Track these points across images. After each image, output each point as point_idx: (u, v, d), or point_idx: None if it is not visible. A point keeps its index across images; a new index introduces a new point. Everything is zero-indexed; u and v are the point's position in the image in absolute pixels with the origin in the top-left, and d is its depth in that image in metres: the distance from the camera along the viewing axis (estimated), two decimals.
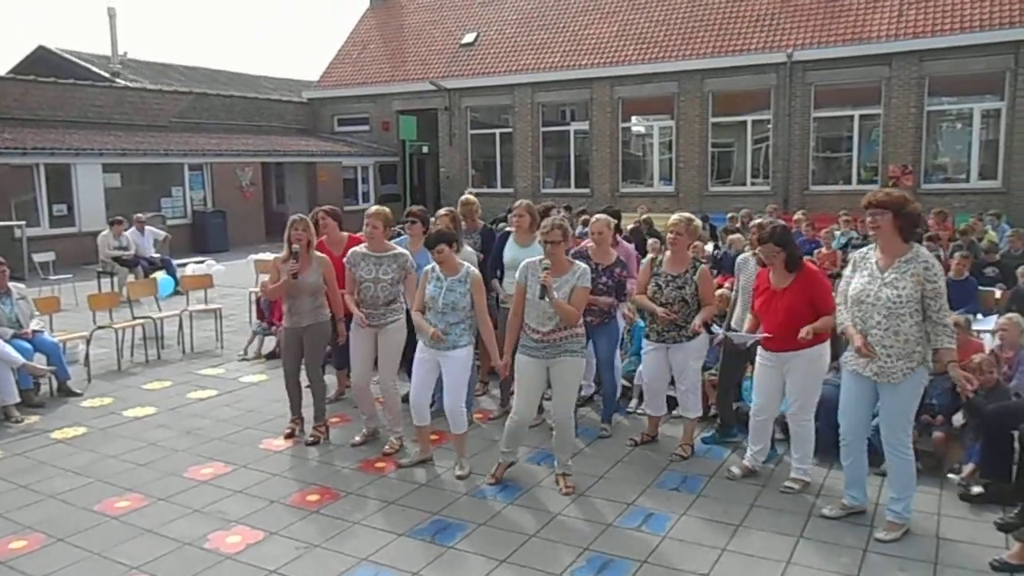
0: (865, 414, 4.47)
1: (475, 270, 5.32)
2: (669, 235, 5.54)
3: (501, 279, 6.41)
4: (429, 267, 5.33)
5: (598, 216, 6.08)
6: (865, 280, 4.32)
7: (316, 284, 5.84)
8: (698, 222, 5.73)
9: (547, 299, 4.76)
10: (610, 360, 6.13)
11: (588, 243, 6.08)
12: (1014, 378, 5.44)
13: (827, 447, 5.15)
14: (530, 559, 4.21)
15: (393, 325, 5.72)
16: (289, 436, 6.12)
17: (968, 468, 4.91)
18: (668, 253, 5.57)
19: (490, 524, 4.63)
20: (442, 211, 6.21)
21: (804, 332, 4.70)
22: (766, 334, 4.94)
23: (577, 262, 5.07)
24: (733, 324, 5.76)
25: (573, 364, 4.99)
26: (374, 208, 5.85)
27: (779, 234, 4.86)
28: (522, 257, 5.45)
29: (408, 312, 5.64)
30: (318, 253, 5.99)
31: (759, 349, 5.10)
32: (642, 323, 5.97)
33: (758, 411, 5.19)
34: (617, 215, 6.61)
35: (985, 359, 5.23)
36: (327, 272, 5.90)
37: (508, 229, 6.72)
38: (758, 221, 6.05)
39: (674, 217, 5.61)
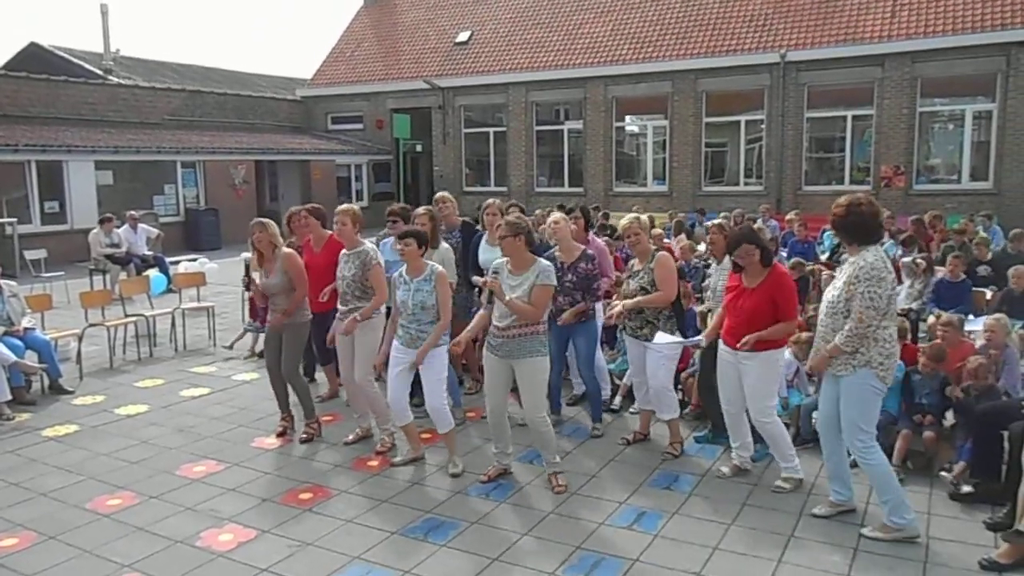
0: (833, 408, 4.48)
1: (439, 268, 5.31)
2: (628, 240, 5.66)
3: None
4: (396, 273, 5.35)
5: (555, 216, 6.11)
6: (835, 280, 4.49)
7: (282, 283, 5.83)
8: (644, 218, 5.80)
9: (494, 301, 4.88)
10: (589, 359, 6.11)
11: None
12: (1001, 378, 5.49)
13: None
14: (522, 558, 4.22)
15: (367, 323, 5.66)
16: (281, 434, 6.12)
17: (959, 467, 4.93)
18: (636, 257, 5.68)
19: (482, 523, 4.64)
20: (420, 210, 6.23)
21: (744, 341, 4.78)
22: (697, 340, 5.41)
23: (540, 259, 5.02)
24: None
25: (534, 364, 4.95)
26: (343, 206, 5.89)
27: (748, 233, 4.96)
28: (494, 257, 5.48)
29: (389, 311, 5.58)
30: (286, 250, 5.96)
31: (719, 343, 5.15)
32: None
33: (726, 404, 5.23)
34: (586, 211, 6.68)
35: (981, 364, 5.25)
36: (289, 268, 5.83)
37: (479, 229, 6.78)
38: (716, 222, 6.12)
39: (623, 222, 5.71)
